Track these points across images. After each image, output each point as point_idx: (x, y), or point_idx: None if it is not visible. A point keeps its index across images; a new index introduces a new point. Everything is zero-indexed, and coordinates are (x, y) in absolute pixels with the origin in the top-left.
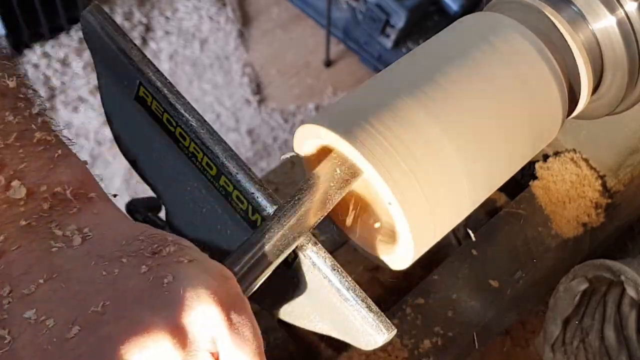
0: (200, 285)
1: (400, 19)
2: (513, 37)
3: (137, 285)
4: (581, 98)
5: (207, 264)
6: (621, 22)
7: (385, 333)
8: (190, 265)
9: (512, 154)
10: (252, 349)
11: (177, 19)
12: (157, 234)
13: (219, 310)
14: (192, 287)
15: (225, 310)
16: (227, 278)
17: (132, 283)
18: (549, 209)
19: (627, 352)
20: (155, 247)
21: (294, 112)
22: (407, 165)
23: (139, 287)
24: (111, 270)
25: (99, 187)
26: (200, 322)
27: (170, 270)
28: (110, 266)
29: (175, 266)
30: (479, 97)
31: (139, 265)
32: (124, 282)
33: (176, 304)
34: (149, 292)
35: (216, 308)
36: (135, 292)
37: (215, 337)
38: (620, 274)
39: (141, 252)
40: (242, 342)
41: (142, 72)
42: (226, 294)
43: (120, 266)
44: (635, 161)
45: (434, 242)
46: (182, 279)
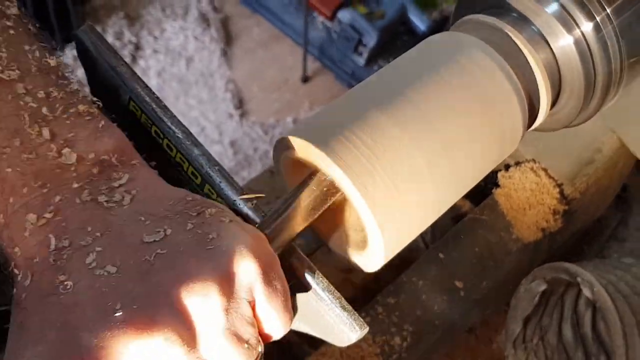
0: (241, 242)
1: (372, 38)
2: (477, 55)
3: (185, 239)
4: (540, 112)
5: (244, 225)
6: (578, 41)
7: (359, 330)
8: (231, 225)
9: (476, 164)
10: (282, 299)
11: (165, 39)
12: (198, 197)
13: (257, 264)
14: (234, 243)
15: (261, 265)
16: (262, 238)
17: (180, 237)
18: (510, 215)
19: (583, 348)
20: (199, 208)
21: (273, 125)
22: (378, 174)
23: (187, 242)
24: (160, 226)
25: (139, 155)
26: (241, 274)
27: (214, 228)
28: (159, 222)
29: (218, 224)
30: (446, 111)
31: (185, 222)
32: (173, 237)
33: (221, 257)
34: (196, 245)
35: (254, 262)
36: (183, 245)
37: (253, 287)
38: (576, 276)
39: (186, 212)
40: (274, 293)
41: (131, 88)
42: (262, 252)
43: (168, 223)
44: (591, 170)
45: (403, 246)
46: (224, 236)
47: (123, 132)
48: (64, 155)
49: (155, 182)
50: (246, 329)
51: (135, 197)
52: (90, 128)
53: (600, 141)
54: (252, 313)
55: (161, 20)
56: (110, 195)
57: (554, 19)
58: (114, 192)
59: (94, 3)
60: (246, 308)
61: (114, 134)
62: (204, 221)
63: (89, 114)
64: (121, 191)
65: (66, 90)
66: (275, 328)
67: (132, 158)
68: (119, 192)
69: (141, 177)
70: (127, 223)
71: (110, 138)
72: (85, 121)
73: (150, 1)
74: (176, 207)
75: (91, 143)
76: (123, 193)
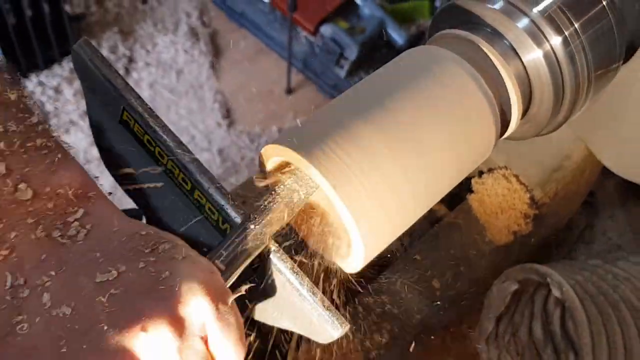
0: (193, 280)
1: (352, 51)
2: (452, 67)
3: (137, 279)
4: (512, 121)
5: (197, 260)
6: (547, 54)
7: (340, 328)
8: (184, 262)
9: (451, 170)
10: (236, 333)
11: (157, 52)
12: (152, 232)
13: (209, 301)
14: (186, 281)
15: (213, 300)
16: (213, 272)
17: (132, 277)
18: (483, 219)
19: (552, 345)
20: (152, 244)
21: (259, 133)
22: (359, 180)
23: (139, 281)
24: (113, 264)
25: (97, 187)
26: (193, 312)
27: (166, 266)
28: (113, 260)
29: (171, 262)
30: (422, 121)
31: (138, 260)
32: (125, 276)
33: (173, 297)
34: (149, 285)
35: (206, 300)
36: (136, 285)
37: (206, 323)
38: (546, 277)
39: (140, 249)
40: (227, 327)
41: (125, 99)
42: (214, 287)
43: (121, 261)
44: (560, 177)
45: (382, 249)
46: (177, 274)
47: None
48: (19, 190)
49: (111, 215)
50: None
51: (90, 233)
52: (46, 162)
53: (569, 149)
54: (205, 348)
55: (153, 34)
56: (65, 230)
57: (524, 33)
58: (69, 227)
59: (90, 19)
60: (199, 345)
61: (70, 167)
62: (156, 259)
63: (46, 148)
64: (76, 226)
65: (25, 124)
66: None
67: (89, 190)
68: (73, 227)
69: (96, 210)
70: (81, 261)
71: (67, 171)
72: (42, 155)
73: (143, 17)
74: (130, 243)
75: (47, 177)
76: (78, 228)
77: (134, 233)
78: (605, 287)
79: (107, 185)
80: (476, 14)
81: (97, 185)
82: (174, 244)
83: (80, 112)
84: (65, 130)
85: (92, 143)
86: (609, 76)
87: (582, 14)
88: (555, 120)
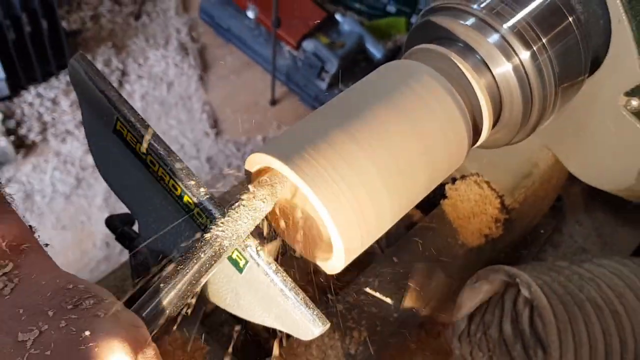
0: (113, 338)
1: (333, 65)
2: (427, 80)
3: (58, 339)
4: (483, 131)
5: (120, 316)
6: (516, 68)
7: (321, 326)
8: (106, 320)
9: (426, 177)
10: None
11: (148, 66)
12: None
13: (130, 357)
14: (106, 340)
15: (134, 355)
16: (137, 327)
17: (53, 336)
18: (456, 223)
19: (521, 342)
20: (75, 300)
21: (245, 142)
22: (339, 187)
23: (60, 342)
24: (35, 322)
25: (33, 238)
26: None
27: (87, 324)
28: (36, 318)
29: (92, 320)
30: (399, 131)
31: (60, 319)
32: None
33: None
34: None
35: (127, 356)
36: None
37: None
38: (515, 278)
39: (63, 305)
40: None
41: (119, 110)
42: (136, 342)
43: (44, 319)
44: (529, 183)
45: (361, 252)
46: (97, 333)
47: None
48: None
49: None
50: None
51: (17, 287)
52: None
53: (537, 157)
54: None
55: (145, 49)
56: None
57: (495, 48)
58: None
59: (85, 35)
60: None
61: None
62: (78, 316)
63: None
64: (4, 280)
65: None
66: None
67: (23, 242)
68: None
69: (27, 264)
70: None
71: (3, 224)
72: None
73: (135, 33)
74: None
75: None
76: (6, 282)
77: (60, 288)
78: (571, 287)
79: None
80: (449, 29)
81: (34, 237)
82: (99, 299)
83: (76, 122)
84: (62, 139)
85: (87, 151)
86: (575, 88)
87: (549, 29)
88: (524, 130)
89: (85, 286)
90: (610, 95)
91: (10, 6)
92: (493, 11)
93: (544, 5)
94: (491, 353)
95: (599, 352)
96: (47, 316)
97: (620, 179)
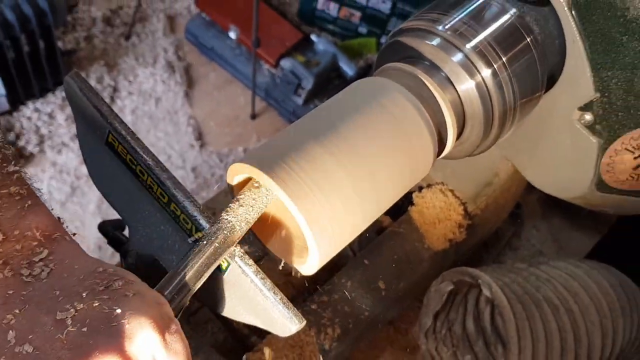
0: (141, 315)
1: (308, 82)
2: (395, 96)
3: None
4: (448, 143)
5: (146, 295)
6: (479, 85)
7: (298, 323)
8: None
9: (395, 186)
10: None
11: (138, 83)
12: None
13: (156, 333)
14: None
15: (161, 332)
16: (161, 305)
17: (89, 315)
18: (423, 228)
19: (483, 338)
20: (106, 282)
21: (227, 153)
22: (315, 195)
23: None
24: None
25: (62, 228)
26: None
27: (118, 304)
28: (71, 298)
29: (122, 299)
30: (370, 142)
31: (93, 299)
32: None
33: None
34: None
35: (154, 332)
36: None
37: (155, 354)
38: (477, 279)
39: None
40: (175, 355)
41: (110, 123)
42: (161, 319)
43: (78, 299)
44: (490, 191)
45: (335, 254)
46: (127, 310)
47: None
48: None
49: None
50: None
51: (52, 272)
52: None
53: (498, 167)
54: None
55: (134, 67)
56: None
57: (458, 66)
58: (34, 266)
59: (80, 54)
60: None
61: (39, 212)
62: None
63: (18, 195)
64: (40, 265)
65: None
66: None
67: (54, 232)
68: (38, 267)
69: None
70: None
71: (37, 216)
72: (15, 201)
73: (126, 52)
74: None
75: (16, 222)
76: (42, 267)
77: (92, 271)
78: (529, 287)
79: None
80: (416, 49)
81: (63, 227)
82: (126, 281)
83: (71, 134)
84: (58, 150)
85: (81, 162)
86: (532, 103)
87: (509, 49)
88: (485, 142)
89: (114, 269)
90: (565, 110)
91: (10, 28)
92: (457, 32)
93: (504, 27)
94: (455, 348)
95: (554, 347)
96: (81, 297)
97: (574, 187)
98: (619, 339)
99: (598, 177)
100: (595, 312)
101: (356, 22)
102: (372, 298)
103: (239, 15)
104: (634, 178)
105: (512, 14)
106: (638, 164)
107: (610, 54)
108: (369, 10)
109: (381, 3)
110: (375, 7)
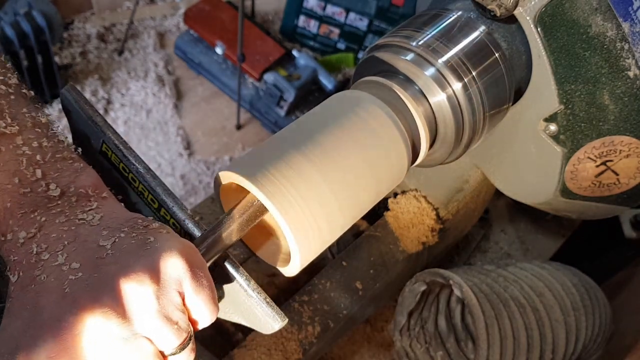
0: (172, 245)
1: (290, 95)
2: (372, 108)
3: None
4: (421, 152)
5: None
6: (450, 97)
7: (280, 321)
8: (168, 234)
9: (371, 192)
10: (207, 292)
11: (130, 95)
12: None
13: (184, 262)
14: (167, 245)
15: (189, 264)
16: (192, 247)
17: (126, 241)
18: (398, 232)
19: (454, 335)
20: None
21: (214, 162)
22: (295, 200)
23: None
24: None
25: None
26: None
27: (152, 235)
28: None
29: (157, 233)
30: (348, 152)
31: (132, 232)
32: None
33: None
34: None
35: (181, 260)
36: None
37: (182, 281)
38: (449, 279)
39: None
40: (201, 287)
41: (104, 133)
42: (190, 255)
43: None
44: (460, 197)
45: (315, 257)
46: (159, 240)
47: (96, 169)
48: (51, 189)
49: (119, 209)
50: (175, 313)
51: (102, 218)
52: (71, 169)
53: (468, 174)
54: (181, 302)
55: (127, 81)
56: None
57: (431, 80)
58: (86, 214)
59: (75, 68)
60: (175, 296)
61: (90, 174)
62: (146, 231)
63: (70, 159)
64: (92, 213)
65: (54, 141)
66: (202, 316)
67: (103, 191)
68: (89, 214)
69: (108, 204)
70: (91, 234)
71: (88, 176)
72: (68, 164)
73: (119, 66)
74: (129, 223)
75: (72, 180)
76: (94, 214)
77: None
78: (497, 287)
79: None
80: (391, 64)
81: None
82: (163, 225)
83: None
84: None
85: None
86: (501, 115)
87: (478, 64)
88: (456, 151)
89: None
90: (531, 120)
91: (10, 43)
92: (429, 48)
93: (473, 43)
94: (428, 345)
95: (521, 343)
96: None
97: (539, 194)
98: (581, 335)
99: (562, 184)
100: (560, 311)
101: (335, 39)
102: (350, 297)
103: (225, 32)
104: (596, 185)
105: (482, 30)
106: (600, 172)
107: (574, 68)
108: (347, 27)
109: (359, 20)
110: (353, 25)
